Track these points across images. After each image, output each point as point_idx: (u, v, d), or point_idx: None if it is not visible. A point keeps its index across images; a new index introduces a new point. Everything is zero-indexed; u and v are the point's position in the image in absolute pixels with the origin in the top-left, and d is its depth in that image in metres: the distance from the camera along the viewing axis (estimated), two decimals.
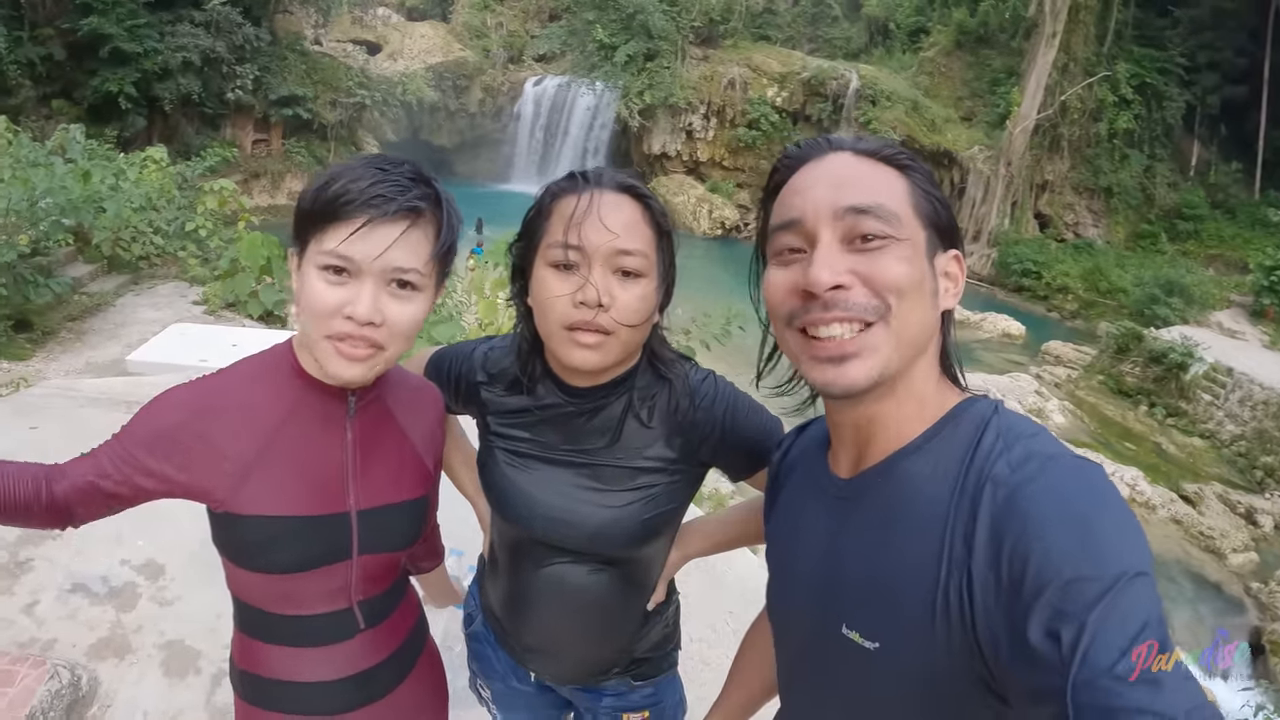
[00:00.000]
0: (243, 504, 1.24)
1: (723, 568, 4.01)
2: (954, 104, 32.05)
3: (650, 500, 1.43)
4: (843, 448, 1.06)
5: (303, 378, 1.29)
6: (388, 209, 1.14)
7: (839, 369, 0.93)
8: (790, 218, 0.98)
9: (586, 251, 1.27)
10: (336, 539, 1.31)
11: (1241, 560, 12.04)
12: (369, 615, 1.41)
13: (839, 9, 39.31)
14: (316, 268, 1.16)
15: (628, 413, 1.43)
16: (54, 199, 8.69)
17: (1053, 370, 18.80)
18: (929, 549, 0.88)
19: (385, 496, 1.36)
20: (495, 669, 1.75)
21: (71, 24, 21.53)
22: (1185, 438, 15.96)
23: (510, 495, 1.48)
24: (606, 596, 1.53)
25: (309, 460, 1.29)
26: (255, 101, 25.68)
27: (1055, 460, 0.85)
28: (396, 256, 1.16)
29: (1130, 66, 29.27)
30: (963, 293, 1.02)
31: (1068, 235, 29.68)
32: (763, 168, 31.69)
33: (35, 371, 7.10)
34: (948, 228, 1.00)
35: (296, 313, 1.25)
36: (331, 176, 1.17)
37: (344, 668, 1.40)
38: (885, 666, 0.92)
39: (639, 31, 31.94)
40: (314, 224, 1.17)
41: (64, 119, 17.34)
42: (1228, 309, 22.84)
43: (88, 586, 3.41)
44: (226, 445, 1.24)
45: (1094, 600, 0.73)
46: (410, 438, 1.43)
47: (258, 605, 1.35)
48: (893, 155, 0.99)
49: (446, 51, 34.40)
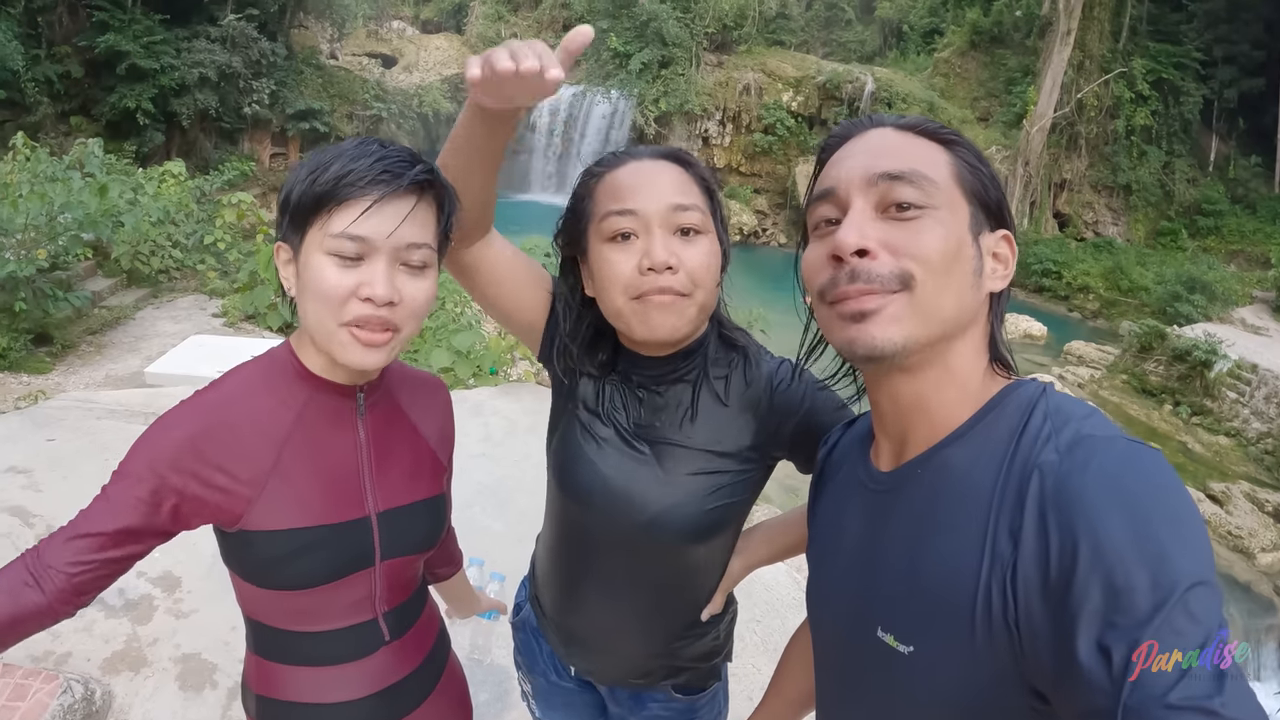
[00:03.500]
0: (258, 521, 1.19)
1: (748, 577, 3.96)
2: (970, 105, 31.89)
3: (717, 489, 1.36)
4: (885, 438, 1.02)
5: (309, 379, 1.25)
6: (397, 185, 1.12)
7: (860, 326, 0.89)
8: (825, 187, 0.97)
9: (643, 215, 1.23)
10: (358, 545, 1.27)
11: (1271, 559, 11.84)
12: (394, 626, 1.37)
13: (852, 12, 39.26)
14: (324, 253, 1.13)
15: (701, 387, 1.37)
16: (72, 214, 8.77)
17: (1076, 371, 18.63)
18: (970, 544, 0.83)
19: (404, 496, 1.33)
20: (538, 662, 1.72)
21: (89, 41, 21.82)
22: (1211, 436, 15.74)
23: (577, 467, 1.41)
24: (659, 595, 1.48)
25: (323, 465, 1.25)
26: (272, 115, 25.91)
27: (1109, 444, 0.78)
28: (409, 232, 1.14)
29: (1146, 62, 29.01)
30: None
31: (1087, 234, 29.43)
32: (780, 173, 31.69)
33: (55, 385, 7.15)
34: (997, 206, 0.96)
35: (298, 308, 1.20)
36: (325, 161, 1.13)
37: (371, 684, 1.35)
38: (921, 672, 0.87)
39: (653, 39, 31.99)
40: (315, 209, 1.13)
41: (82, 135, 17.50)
42: (1250, 305, 22.54)
43: (103, 599, 3.39)
44: (237, 467, 1.18)
45: (1149, 615, 0.67)
46: (422, 433, 1.40)
47: (276, 625, 1.30)
48: (936, 130, 0.97)
49: (462, 63, 34.52)
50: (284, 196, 1.17)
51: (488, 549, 2.98)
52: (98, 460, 4.58)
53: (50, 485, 4.25)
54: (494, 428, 5.30)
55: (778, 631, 3.54)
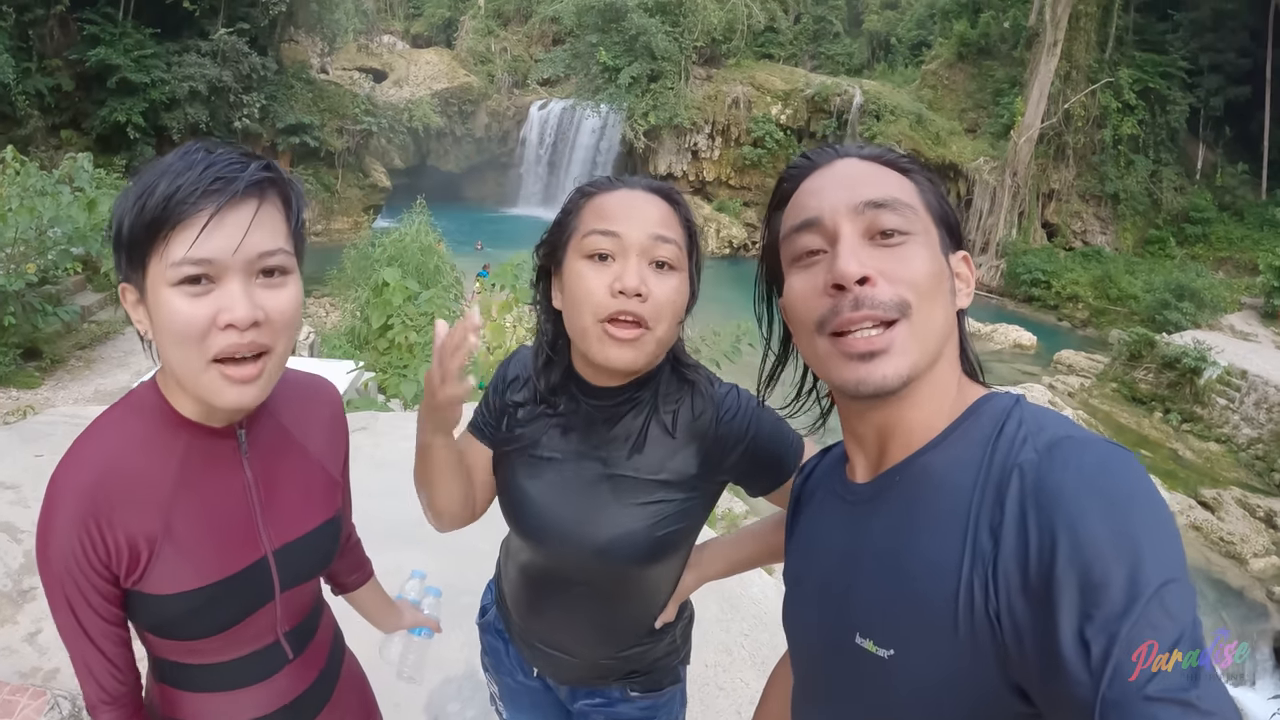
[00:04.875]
0: (152, 585, 1.12)
1: (738, 591, 3.96)
2: (958, 116, 32.10)
3: (665, 517, 1.40)
4: (860, 455, 1.03)
5: (183, 425, 1.14)
6: (232, 191, 1.00)
7: (870, 365, 0.90)
8: (807, 218, 0.97)
9: (624, 240, 1.27)
10: (257, 586, 1.21)
11: (1263, 565, 11.89)
12: (296, 644, 1.33)
13: (840, 25, 39.56)
14: (169, 285, 1.00)
15: (651, 419, 1.40)
16: (62, 228, 8.77)
17: (1066, 380, 18.70)
18: (950, 543, 0.84)
19: (299, 527, 1.26)
20: (504, 663, 1.74)
21: (79, 55, 21.87)
22: (1201, 443, 15.81)
23: (525, 506, 1.45)
24: (614, 610, 1.52)
25: (213, 519, 1.16)
26: (263, 130, 25.95)
27: (1085, 445, 0.80)
28: (258, 241, 1.02)
29: (1132, 72, 29.27)
30: (972, 302, 1.02)
31: (1076, 243, 29.61)
32: (769, 186, 31.53)
33: (44, 399, 7.13)
34: (955, 227, 1.01)
35: (159, 352, 1.09)
36: (150, 183, 1.00)
37: (276, 700, 1.32)
38: (901, 675, 0.88)
39: (642, 53, 32.16)
40: (147, 241, 1.00)
41: (73, 149, 17.51)
42: (1239, 311, 22.69)
43: None
44: (131, 528, 1.10)
45: (1125, 608, 0.68)
46: (310, 451, 1.31)
47: (179, 660, 1.23)
48: (895, 160, 1.01)
49: (452, 77, 34.71)
50: (115, 231, 1.04)
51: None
52: None
53: (38, 501, 4.17)
54: None
55: (767, 645, 3.54)
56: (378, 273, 9.85)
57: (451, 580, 2.19)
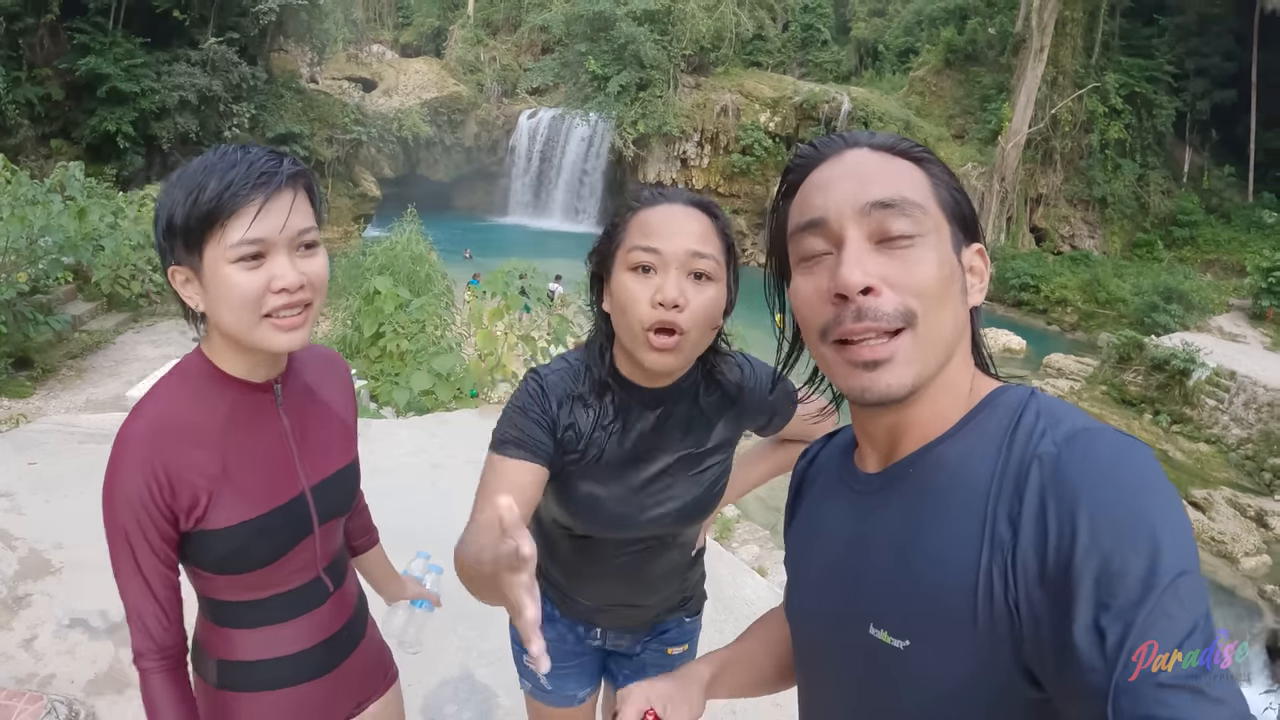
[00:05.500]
0: (214, 520, 1.31)
1: (730, 593, 3.97)
2: (945, 122, 32.28)
3: (720, 476, 1.65)
4: (871, 445, 1.02)
5: (228, 381, 1.35)
6: (274, 185, 1.23)
7: (873, 375, 0.89)
8: (813, 217, 0.94)
9: (664, 255, 1.39)
10: (300, 519, 1.42)
11: (1254, 564, 11.95)
12: (334, 578, 1.55)
13: (828, 33, 39.70)
14: (228, 263, 1.22)
15: (695, 405, 1.60)
16: (53, 237, 8.74)
17: (1055, 383, 18.80)
18: (968, 533, 0.84)
19: (328, 467, 1.49)
20: (548, 639, 1.84)
21: (69, 64, 21.79)
22: (1192, 444, 15.90)
23: (598, 508, 1.58)
24: (668, 559, 1.74)
25: (259, 459, 1.38)
26: (252, 139, 25.85)
27: (1103, 436, 0.81)
28: (297, 221, 1.26)
29: (1119, 77, 29.51)
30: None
31: (1064, 247, 29.77)
32: (758, 193, 31.89)
33: (36, 409, 7.10)
34: (969, 220, 0.97)
35: (210, 318, 1.30)
36: (199, 181, 1.21)
37: (317, 634, 1.51)
38: (917, 666, 0.87)
39: (631, 62, 32.25)
40: (203, 228, 1.21)
41: (63, 158, 17.48)
42: (1227, 313, 22.87)
43: (86, 621, 3.36)
44: (192, 475, 1.29)
45: (1141, 598, 0.70)
46: (333, 408, 1.55)
47: (233, 599, 1.42)
48: (908, 149, 0.97)
49: (441, 87, 34.74)
50: (164, 223, 1.25)
51: (431, 545, 2.97)
52: (80, 484, 4.54)
53: (32, 509, 4.21)
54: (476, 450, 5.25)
55: None
56: (369, 281, 9.83)
57: (447, 588, 2.22)
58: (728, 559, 4.67)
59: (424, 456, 5.21)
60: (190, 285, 1.27)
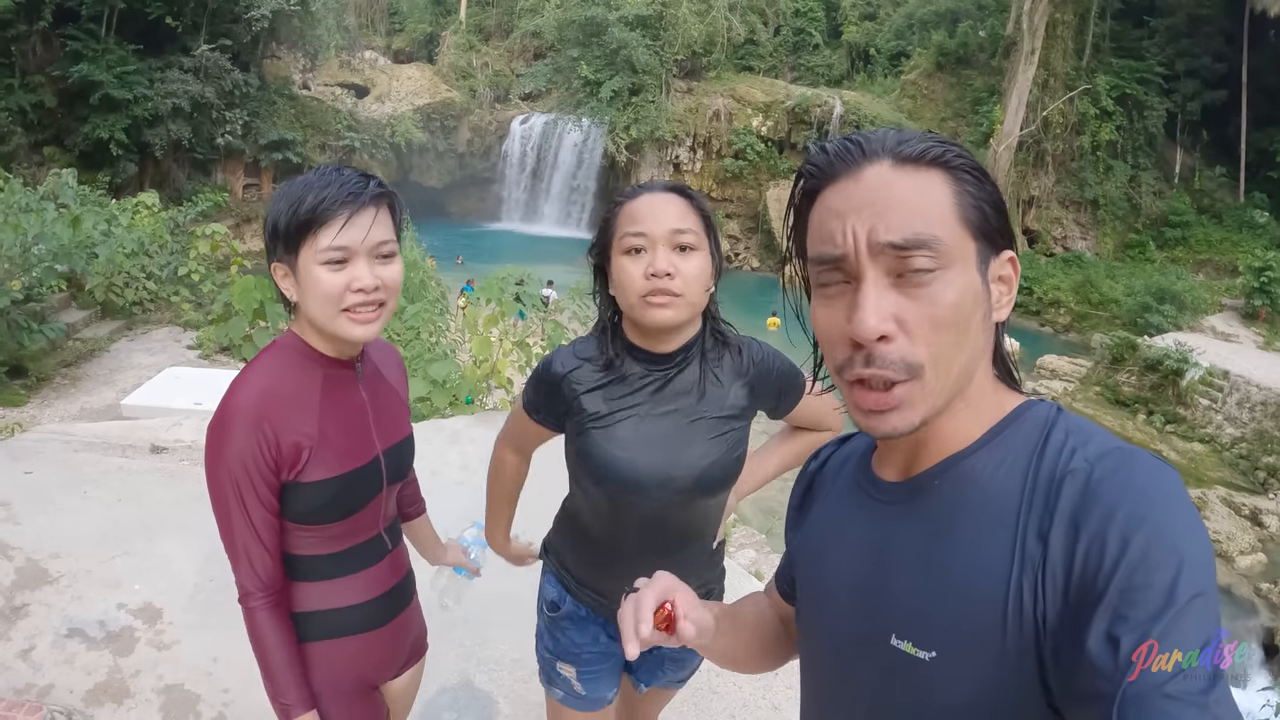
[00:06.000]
0: (310, 474, 1.54)
1: (728, 598, 3.96)
2: (937, 125, 32.32)
3: (736, 443, 1.78)
4: (892, 453, 1.02)
5: (321, 359, 1.60)
6: (360, 202, 1.48)
7: (878, 419, 0.90)
8: (831, 253, 0.91)
9: (651, 235, 1.63)
10: (374, 478, 1.67)
11: (1250, 562, 12.00)
12: (391, 538, 1.80)
13: (819, 37, 39.73)
14: (318, 264, 1.47)
15: (704, 370, 1.75)
16: (46, 245, 8.70)
17: (1049, 384, 18.85)
18: (999, 547, 0.84)
19: (394, 436, 1.74)
20: (582, 644, 1.94)
21: (62, 71, 21.78)
22: (1186, 443, 15.96)
23: (617, 464, 1.73)
24: (689, 543, 1.86)
25: (346, 425, 1.61)
26: (245, 146, 25.89)
27: (1135, 457, 0.83)
28: (377, 234, 1.51)
29: (1110, 78, 29.61)
30: None
31: (1057, 249, 29.85)
32: (751, 197, 31.92)
33: (30, 417, 7.06)
34: (999, 231, 0.93)
35: (301, 307, 1.55)
36: (299, 194, 1.47)
37: (378, 586, 1.74)
38: (942, 677, 0.88)
39: (623, 67, 32.26)
40: (300, 234, 1.47)
41: (56, 165, 17.40)
42: (1220, 313, 22.95)
43: (85, 631, 3.36)
44: (296, 434, 1.52)
45: (1160, 611, 0.71)
46: (395, 386, 1.81)
47: (313, 553, 1.63)
48: (939, 155, 0.90)
49: (434, 93, 34.73)
50: (271, 227, 1.50)
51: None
52: (76, 492, 4.53)
53: (28, 517, 4.20)
54: (471, 456, 5.26)
55: None
56: None
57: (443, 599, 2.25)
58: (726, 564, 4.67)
59: (422, 464, 5.18)
60: (288, 280, 1.52)
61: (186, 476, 4.85)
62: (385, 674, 1.85)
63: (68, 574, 3.74)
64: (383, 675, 1.84)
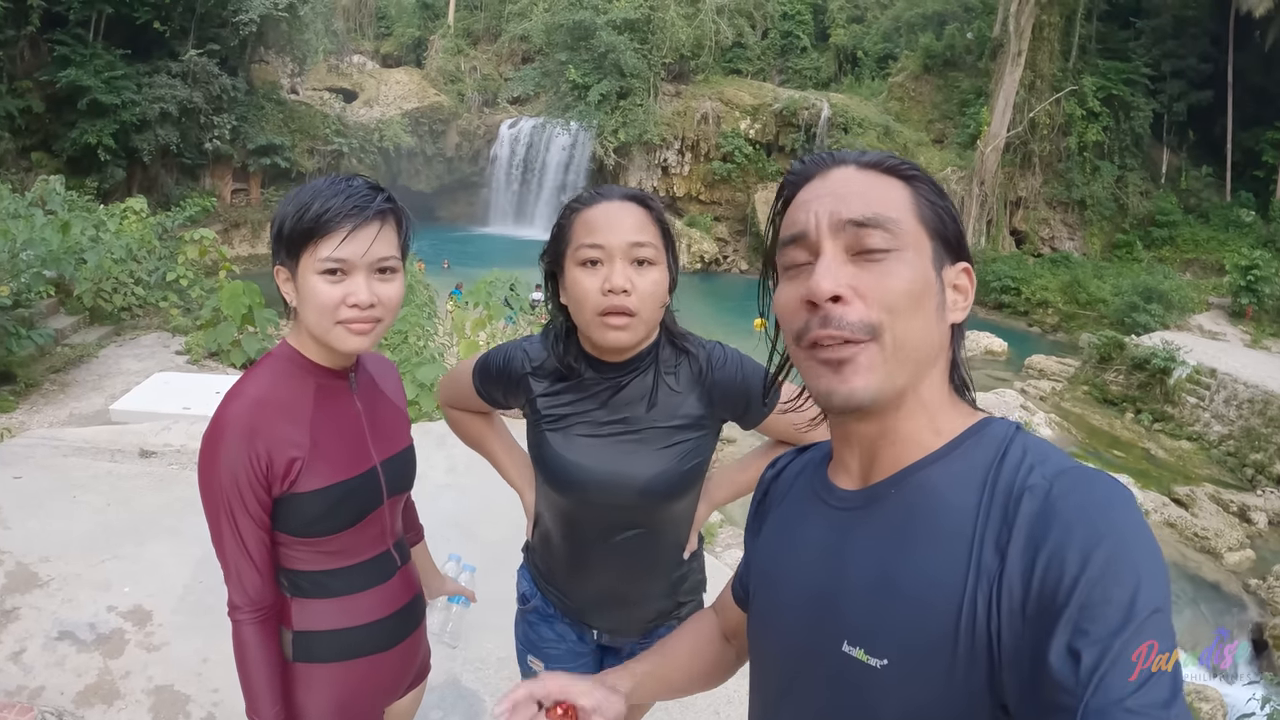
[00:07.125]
0: (304, 484, 1.51)
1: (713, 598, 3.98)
2: (925, 127, 32.49)
3: (687, 453, 1.71)
4: (848, 461, 1.04)
5: (314, 368, 1.57)
6: (364, 216, 1.45)
7: (838, 374, 0.92)
8: (795, 232, 0.98)
9: (608, 248, 1.55)
10: (372, 490, 1.62)
11: (1238, 558, 12.06)
12: (401, 554, 1.76)
13: (807, 40, 39.83)
14: (316, 273, 1.45)
15: (657, 380, 1.70)
16: (35, 250, 8.65)
17: (1037, 384, 18.90)
18: (954, 559, 0.86)
19: (393, 446, 1.71)
20: (549, 639, 1.96)
21: (50, 76, 21.68)
22: (1173, 441, 16.03)
23: (565, 467, 1.72)
24: (653, 547, 1.81)
25: (339, 434, 1.58)
26: (233, 151, 25.81)
27: (1092, 476, 0.85)
28: (378, 249, 1.47)
29: (1096, 80, 29.76)
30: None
31: (1044, 250, 29.99)
32: (739, 200, 31.98)
33: (19, 423, 7.04)
34: (955, 240, 1.00)
35: (298, 315, 1.54)
36: (306, 201, 1.45)
37: (389, 605, 1.70)
38: (893, 686, 0.89)
39: (611, 70, 32.29)
40: (302, 241, 1.44)
41: (44, 171, 17.37)
42: (1207, 311, 23.10)
43: (75, 634, 3.37)
44: (287, 444, 1.50)
45: (1120, 626, 0.73)
46: (392, 398, 1.78)
47: (317, 569, 1.60)
48: (896, 166, 1.00)
49: (422, 97, 34.70)
50: (276, 230, 1.48)
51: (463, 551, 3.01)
52: (66, 497, 4.53)
53: (18, 522, 4.21)
54: (458, 459, 5.27)
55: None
56: None
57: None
58: (711, 564, 4.69)
59: None
60: (289, 284, 1.50)
61: (175, 480, 4.86)
62: (392, 697, 1.82)
63: (58, 577, 3.75)
64: (390, 698, 1.82)
